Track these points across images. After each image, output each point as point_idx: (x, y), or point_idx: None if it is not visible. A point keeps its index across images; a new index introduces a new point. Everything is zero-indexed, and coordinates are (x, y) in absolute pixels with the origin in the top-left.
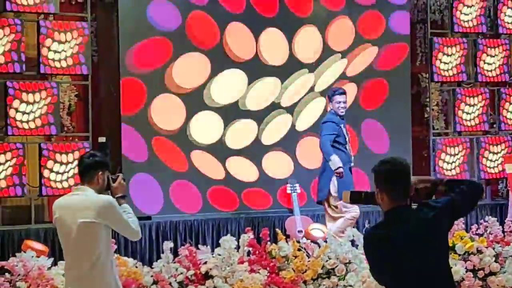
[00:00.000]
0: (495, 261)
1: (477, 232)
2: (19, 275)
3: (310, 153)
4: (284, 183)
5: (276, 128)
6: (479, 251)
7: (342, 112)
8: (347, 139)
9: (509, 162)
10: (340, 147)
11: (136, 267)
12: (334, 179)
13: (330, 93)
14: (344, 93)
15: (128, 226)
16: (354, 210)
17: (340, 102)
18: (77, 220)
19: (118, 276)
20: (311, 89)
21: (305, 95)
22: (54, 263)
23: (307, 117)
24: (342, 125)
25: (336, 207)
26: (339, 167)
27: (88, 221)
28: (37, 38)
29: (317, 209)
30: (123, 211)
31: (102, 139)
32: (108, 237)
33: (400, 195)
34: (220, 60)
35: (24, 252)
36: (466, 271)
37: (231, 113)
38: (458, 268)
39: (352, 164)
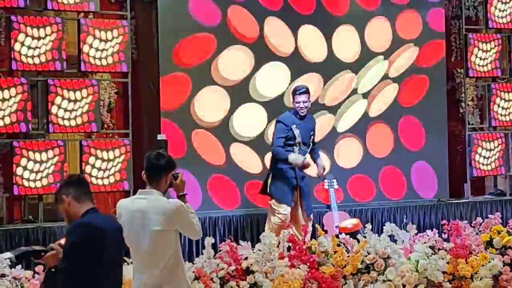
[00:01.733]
0: None
1: None
2: None
3: (348, 153)
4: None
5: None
6: None
7: (302, 112)
8: (297, 141)
9: None
10: (289, 148)
11: None
12: (271, 175)
13: (292, 90)
14: (305, 92)
15: (193, 228)
16: (282, 213)
17: (299, 102)
18: (147, 228)
19: (187, 277)
20: (354, 90)
21: (348, 97)
22: None
23: (348, 119)
24: (294, 126)
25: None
26: (302, 161)
27: (159, 229)
28: (78, 36)
29: (354, 205)
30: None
31: (161, 137)
32: (177, 239)
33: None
34: (263, 54)
35: None
36: (504, 265)
37: (274, 107)
38: (495, 263)
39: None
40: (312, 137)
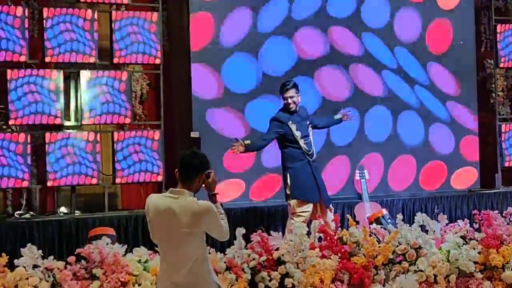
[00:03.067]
0: None
1: None
2: (94, 262)
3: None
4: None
5: None
6: None
7: (291, 107)
8: (297, 137)
9: None
10: (292, 144)
11: (209, 253)
12: (288, 176)
13: (280, 87)
14: (291, 87)
15: (222, 230)
16: (302, 215)
17: (287, 98)
18: (175, 228)
19: (214, 272)
20: None
21: None
22: (128, 250)
23: None
24: (290, 122)
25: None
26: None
27: (187, 230)
28: (110, 28)
29: (385, 195)
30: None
31: (195, 134)
32: (204, 238)
33: None
34: None
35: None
36: None
37: None
38: None
39: (311, 159)
40: (309, 126)
